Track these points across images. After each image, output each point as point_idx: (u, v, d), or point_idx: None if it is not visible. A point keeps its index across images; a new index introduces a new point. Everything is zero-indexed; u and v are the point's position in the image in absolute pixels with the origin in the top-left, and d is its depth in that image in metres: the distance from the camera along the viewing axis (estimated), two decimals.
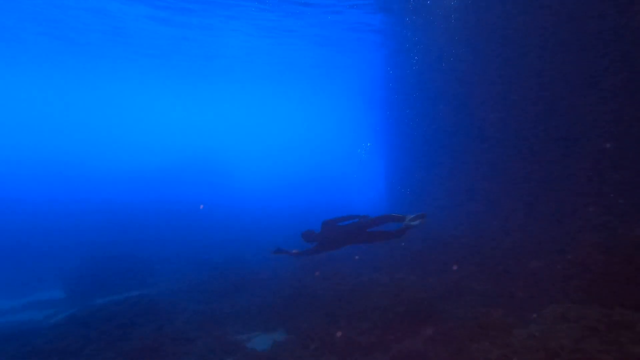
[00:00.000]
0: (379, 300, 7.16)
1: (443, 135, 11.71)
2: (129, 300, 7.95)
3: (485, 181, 9.90)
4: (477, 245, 8.57)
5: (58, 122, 41.71)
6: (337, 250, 5.83)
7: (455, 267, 7.87)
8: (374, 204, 19.59)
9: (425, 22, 12.36)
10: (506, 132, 9.30)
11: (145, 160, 29.63)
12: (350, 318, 6.92)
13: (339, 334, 6.57)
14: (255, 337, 7.09)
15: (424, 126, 12.89)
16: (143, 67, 23.21)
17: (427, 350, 5.17)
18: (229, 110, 43.39)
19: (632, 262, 5.02)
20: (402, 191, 14.34)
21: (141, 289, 9.34)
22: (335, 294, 7.89)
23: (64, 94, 35.52)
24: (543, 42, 8.27)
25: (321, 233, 5.65)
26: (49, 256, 12.46)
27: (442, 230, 10.45)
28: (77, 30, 16.47)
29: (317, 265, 10.00)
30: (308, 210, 18.27)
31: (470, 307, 5.91)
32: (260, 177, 31.97)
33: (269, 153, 45.54)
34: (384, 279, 8.20)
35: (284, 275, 9.56)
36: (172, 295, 8.74)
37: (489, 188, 9.80)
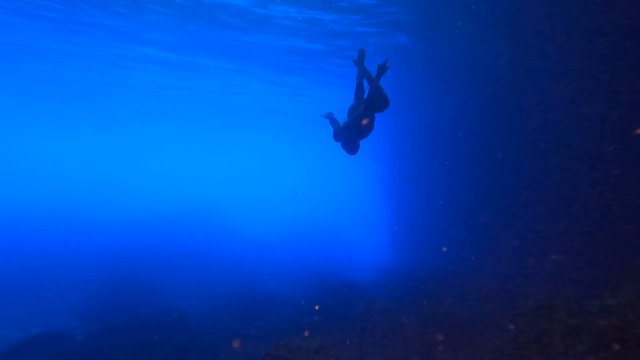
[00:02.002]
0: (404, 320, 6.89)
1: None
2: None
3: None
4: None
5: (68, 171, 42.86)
6: None
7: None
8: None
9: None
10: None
11: (154, 207, 29.80)
12: (377, 344, 6.59)
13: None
14: None
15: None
16: (151, 118, 24.31)
17: None
18: (233, 159, 44.81)
19: None
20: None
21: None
22: (357, 315, 7.63)
23: (89, 151, 37.12)
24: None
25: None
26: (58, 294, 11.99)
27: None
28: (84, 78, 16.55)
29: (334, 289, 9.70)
30: (313, 261, 17.71)
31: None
32: (265, 225, 31.75)
33: (276, 201, 45.69)
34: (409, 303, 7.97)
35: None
36: None
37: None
